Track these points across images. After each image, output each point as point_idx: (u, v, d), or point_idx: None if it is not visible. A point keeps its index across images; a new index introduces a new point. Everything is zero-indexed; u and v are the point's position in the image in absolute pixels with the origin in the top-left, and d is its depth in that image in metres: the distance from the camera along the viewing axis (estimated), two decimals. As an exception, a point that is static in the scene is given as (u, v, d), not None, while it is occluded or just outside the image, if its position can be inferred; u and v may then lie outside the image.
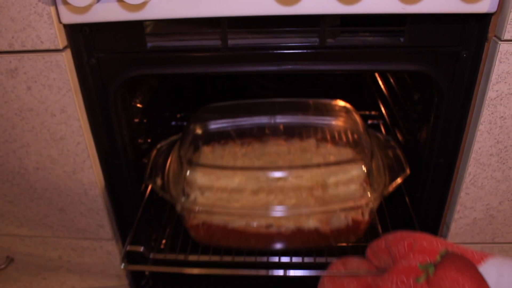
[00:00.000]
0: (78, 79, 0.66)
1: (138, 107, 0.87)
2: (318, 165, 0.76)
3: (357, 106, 1.28)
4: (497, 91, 0.62)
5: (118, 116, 0.71)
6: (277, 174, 0.72)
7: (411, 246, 0.57)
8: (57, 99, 0.66)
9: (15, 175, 0.75)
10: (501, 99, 0.62)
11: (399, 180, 0.72)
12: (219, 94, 1.34)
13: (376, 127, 1.10)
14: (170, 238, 0.85)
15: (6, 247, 0.86)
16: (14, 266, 0.89)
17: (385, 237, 0.63)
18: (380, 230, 0.82)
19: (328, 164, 0.77)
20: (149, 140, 0.92)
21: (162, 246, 0.84)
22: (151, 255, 0.77)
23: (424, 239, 0.57)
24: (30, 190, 0.76)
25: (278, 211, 0.68)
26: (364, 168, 0.73)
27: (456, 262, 0.51)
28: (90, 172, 0.73)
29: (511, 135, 0.65)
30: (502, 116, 0.64)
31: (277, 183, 0.72)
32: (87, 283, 0.91)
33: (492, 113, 0.64)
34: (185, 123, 1.11)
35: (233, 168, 0.77)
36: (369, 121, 1.14)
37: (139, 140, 0.85)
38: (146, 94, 0.93)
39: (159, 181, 0.74)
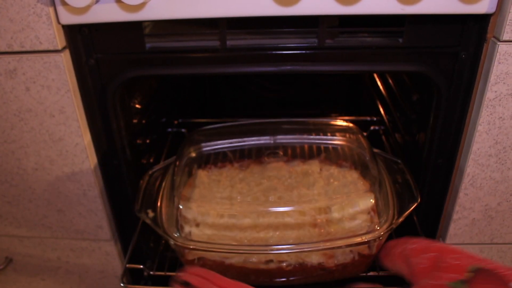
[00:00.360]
0: (77, 79, 0.66)
1: (137, 108, 0.87)
2: (323, 200, 0.72)
3: (356, 107, 1.29)
4: (495, 91, 0.62)
5: (117, 116, 0.71)
6: (278, 209, 0.68)
7: (436, 263, 0.53)
8: (56, 100, 0.66)
9: (13, 175, 0.75)
10: (500, 100, 0.62)
11: (410, 210, 0.67)
12: (218, 95, 1.34)
13: (374, 133, 1.10)
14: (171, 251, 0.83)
15: (5, 248, 0.86)
16: (13, 267, 0.89)
17: (402, 243, 0.59)
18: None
19: (333, 198, 0.72)
20: (147, 141, 0.92)
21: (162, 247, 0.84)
22: (152, 272, 0.76)
23: (449, 254, 0.53)
24: (29, 190, 0.76)
25: (279, 249, 0.65)
26: (372, 200, 0.70)
27: (490, 280, 0.48)
28: (89, 173, 0.73)
29: (510, 135, 0.65)
30: (501, 117, 0.64)
31: (278, 217, 0.69)
32: (86, 284, 0.91)
33: (491, 114, 0.64)
34: (182, 130, 1.10)
35: (230, 203, 0.72)
36: (366, 119, 1.13)
37: (138, 141, 0.85)
38: (145, 95, 0.93)
39: (151, 213, 0.69)
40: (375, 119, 1.13)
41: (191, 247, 0.66)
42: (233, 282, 0.53)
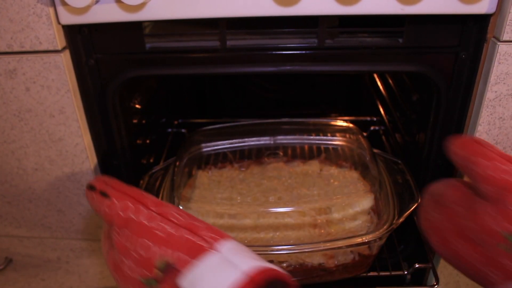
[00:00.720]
0: (77, 80, 0.66)
1: (137, 108, 0.87)
2: (324, 200, 0.72)
3: (356, 107, 1.29)
4: (496, 92, 0.62)
5: (116, 117, 0.71)
6: (278, 209, 0.68)
7: None
8: (56, 100, 0.66)
9: (13, 176, 0.75)
10: (500, 100, 0.62)
11: (410, 210, 0.66)
12: (218, 95, 1.34)
13: (374, 133, 1.09)
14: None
15: (5, 248, 0.86)
16: (13, 267, 0.89)
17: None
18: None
19: (333, 199, 0.72)
20: (147, 142, 0.92)
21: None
22: None
23: None
24: (29, 191, 0.76)
25: (279, 250, 0.64)
26: (372, 200, 0.70)
27: None
28: (89, 173, 0.73)
29: (510, 136, 0.65)
30: (501, 117, 0.64)
31: (278, 217, 0.69)
32: (86, 284, 0.91)
33: (491, 114, 0.64)
34: (182, 130, 1.10)
35: (230, 204, 0.72)
36: (366, 119, 1.13)
37: (138, 141, 0.85)
38: (145, 95, 0.93)
39: None
40: (375, 119, 1.13)
41: None
42: (134, 189, 0.54)
